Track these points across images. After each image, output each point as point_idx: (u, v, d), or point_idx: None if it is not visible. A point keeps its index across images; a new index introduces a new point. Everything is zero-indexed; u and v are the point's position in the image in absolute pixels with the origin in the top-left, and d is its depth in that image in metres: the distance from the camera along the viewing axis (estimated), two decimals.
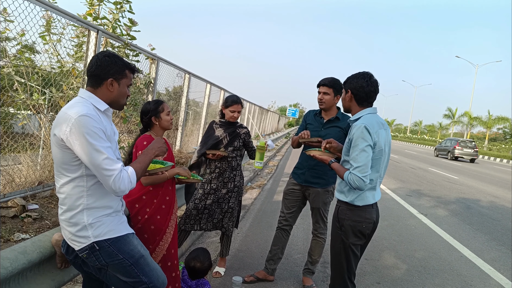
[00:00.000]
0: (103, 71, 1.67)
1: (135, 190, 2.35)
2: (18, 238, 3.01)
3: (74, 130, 1.52)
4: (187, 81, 7.52)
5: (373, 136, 2.06)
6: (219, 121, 3.24)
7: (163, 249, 2.37)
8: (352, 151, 2.08)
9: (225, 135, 3.14)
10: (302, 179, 3.11)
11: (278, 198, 6.64)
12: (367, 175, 2.02)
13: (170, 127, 2.48)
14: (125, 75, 1.73)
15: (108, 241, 1.67)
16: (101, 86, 1.68)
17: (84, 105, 1.60)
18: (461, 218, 6.60)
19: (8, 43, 3.61)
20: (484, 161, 28.04)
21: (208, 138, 3.19)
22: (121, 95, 1.74)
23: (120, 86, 1.72)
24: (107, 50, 1.70)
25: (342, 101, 2.32)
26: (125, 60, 1.76)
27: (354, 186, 2.05)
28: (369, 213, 2.20)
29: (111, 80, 1.68)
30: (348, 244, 2.20)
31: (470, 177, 13.98)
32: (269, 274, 3.27)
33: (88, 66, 1.70)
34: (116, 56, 1.72)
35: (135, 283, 1.74)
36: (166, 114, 2.43)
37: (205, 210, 3.13)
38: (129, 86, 1.78)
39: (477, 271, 4.09)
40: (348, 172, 2.08)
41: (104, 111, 1.69)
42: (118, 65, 1.69)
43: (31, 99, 3.65)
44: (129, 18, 4.65)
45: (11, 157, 3.83)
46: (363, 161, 2.02)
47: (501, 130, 55.53)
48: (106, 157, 1.54)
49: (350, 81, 2.21)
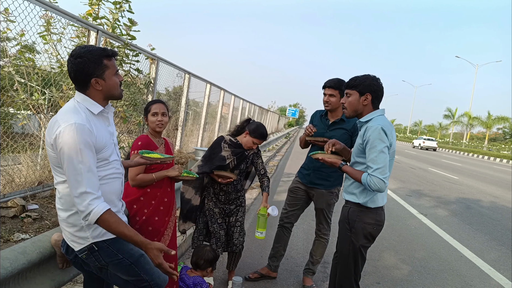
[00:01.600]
0: (82, 74, 1.58)
1: (133, 191, 2.35)
2: (18, 238, 3.01)
3: (60, 141, 1.49)
4: (187, 81, 7.52)
5: (389, 137, 2.05)
6: (229, 139, 2.89)
7: None
8: (369, 152, 2.04)
9: (232, 159, 2.85)
10: (307, 179, 3.11)
11: (278, 198, 6.64)
12: (387, 176, 2.01)
13: (156, 128, 2.39)
14: (106, 67, 1.61)
15: (107, 241, 1.67)
16: (88, 89, 1.61)
17: (76, 113, 1.56)
18: (461, 218, 6.60)
19: (8, 43, 3.61)
20: (484, 161, 28.05)
21: (213, 156, 2.87)
22: (111, 88, 1.65)
23: (106, 80, 1.62)
24: (77, 48, 1.60)
25: (354, 104, 2.18)
26: (99, 49, 1.61)
27: (374, 188, 2.01)
28: (380, 216, 2.19)
29: (95, 79, 1.59)
30: (358, 247, 2.18)
31: (470, 177, 13.98)
32: (272, 271, 3.30)
33: (68, 72, 1.62)
34: (88, 51, 1.58)
35: (137, 282, 1.74)
36: (152, 115, 2.38)
37: (221, 231, 2.92)
38: (116, 73, 1.67)
39: (477, 271, 4.09)
40: (366, 174, 2.04)
41: (99, 114, 1.64)
42: (94, 62, 1.57)
43: (31, 99, 3.64)
44: (129, 18, 4.65)
45: (11, 157, 3.83)
46: (383, 162, 2.00)
47: (501, 130, 55.56)
48: (83, 191, 1.48)
49: (367, 84, 2.14)
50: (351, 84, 2.18)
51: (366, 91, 2.13)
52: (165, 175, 2.35)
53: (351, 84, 2.18)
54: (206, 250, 2.74)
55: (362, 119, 2.18)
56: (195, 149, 7.08)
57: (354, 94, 2.16)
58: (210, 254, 2.73)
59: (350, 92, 2.19)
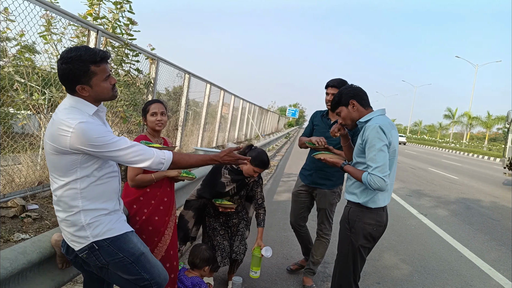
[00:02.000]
0: (67, 80, 1.57)
1: (133, 191, 2.35)
2: (18, 238, 3.01)
3: (79, 135, 1.51)
4: (187, 81, 7.52)
5: (388, 135, 2.05)
6: (230, 166, 2.80)
7: (162, 250, 2.37)
8: (368, 152, 2.05)
9: (232, 187, 2.77)
10: (309, 180, 3.12)
11: (278, 198, 6.64)
12: (387, 174, 2.01)
13: (156, 127, 2.40)
14: (93, 73, 1.56)
15: (107, 240, 1.67)
16: (75, 93, 1.60)
17: (78, 114, 1.57)
18: (461, 218, 6.60)
19: (8, 43, 3.61)
20: (484, 161, 28.05)
21: (213, 181, 2.79)
22: (99, 93, 1.62)
23: (92, 87, 1.59)
24: (67, 49, 1.57)
25: (348, 117, 2.22)
26: (88, 54, 1.55)
27: (374, 187, 2.02)
28: (380, 216, 2.19)
29: (80, 87, 1.57)
30: (357, 247, 2.18)
31: (470, 177, 13.98)
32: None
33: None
34: (76, 56, 1.53)
35: (137, 280, 1.74)
36: (151, 115, 2.38)
37: (224, 241, 2.90)
38: (108, 77, 1.62)
39: (477, 271, 4.09)
40: (367, 173, 2.05)
41: (94, 113, 1.64)
42: (79, 69, 1.53)
43: (31, 99, 3.64)
44: (129, 18, 4.65)
45: (11, 157, 3.83)
46: (382, 160, 2.00)
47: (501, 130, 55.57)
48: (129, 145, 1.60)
49: (345, 94, 2.21)
50: (334, 104, 2.29)
51: (349, 99, 2.20)
52: (164, 175, 2.34)
53: (334, 104, 2.29)
54: (202, 249, 2.72)
55: (361, 120, 2.20)
56: (195, 149, 7.09)
57: (342, 109, 2.25)
58: (206, 253, 2.72)
59: (338, 110, 2.27)
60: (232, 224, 2.99)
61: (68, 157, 1.56)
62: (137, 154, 1.60)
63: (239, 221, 3.00)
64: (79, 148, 1.53)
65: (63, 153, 1.56)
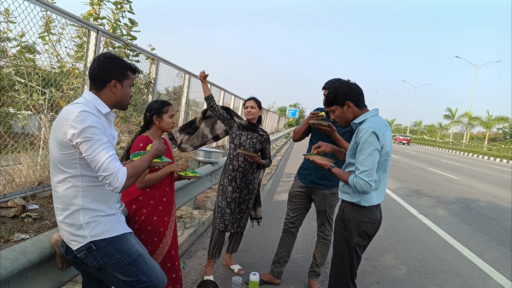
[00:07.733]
0: (106, 74, 1.69)
1: (132, 191, 2.35)
2: (18, 238, 3.01)
3: (77, 125, 1.53)
4: (187, 81, 7.52)
5: (381, 139, 2.06)
6: (239, 123, 3.27)
7: (163, 251, 2.37)
8: (358, 154, 2.07)
9: (239, 133, 3.22)
10: (308, 180, 3.08)
11: (278, 198, 6.64)
12: (373, 179, 2.03)
13: (169, 130, 2.48)
14: (127, 76, 1.75)
15: (105, 241, 1.67)
16: (104, 88, 1.70)
17: (86, 105, 1.62)
18: (461, 218, 6.60)
19: (8, 43, 3.61)
20: (484, 161, 28.05)
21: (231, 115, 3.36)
22: (124, 96, 1.77)
23: (123, 87, 1.74)
24: (108, 52, 1.74)
25: (341, 116, 2.21)
26: (127, 62, 1.78)
27: (359, 190, 2.04)
28: (374, 214, 2.20)
29: (114, 82, 1.70)
30: (353, 245, 2.20)
31: (470, 177, 13.98)
32: (275, 277, 3.25)
33: (90, 68, 1.71)
34: (118, 57, 1.74)
35: (134, 282, 1.74)
36: (169, 116, 2.42)
37: (236, 209, 3.20)
38: (131, 87, 1.80)
39: (477, 271, 4.09)
40: (353, 176, 2.07)
41: (106, 114, 1.70)
42: (120, 67, 1.71)
43: (31, 99, 3.65)
44: (129, 18, 4.65)
45: (11, 157, 3.83)
46: (370, 165, 2.02)
47: (501, 130, 55.55)
48: (110, 155, 1.55)
49: (341, 94, 2.18)
50: (329, 101, 2.24)
51: (345, 100, 2.17)
52: (170, 170, 2.35)
53: (328, 101, 2.24)
54: (207, 283, 2.92)
55: (355, 121, 2.20)
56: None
57: (337, 108, 2.22)
58: (211, 286, 2.90)
59: (332, 108, 2.24)
60: (242, 200, 3.21)
61: (68, 150, 1.58)
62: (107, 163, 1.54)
63: (249, 197, 3.24)
64: (71, 139, 1.54)
65: (63, 145, 1.57)
